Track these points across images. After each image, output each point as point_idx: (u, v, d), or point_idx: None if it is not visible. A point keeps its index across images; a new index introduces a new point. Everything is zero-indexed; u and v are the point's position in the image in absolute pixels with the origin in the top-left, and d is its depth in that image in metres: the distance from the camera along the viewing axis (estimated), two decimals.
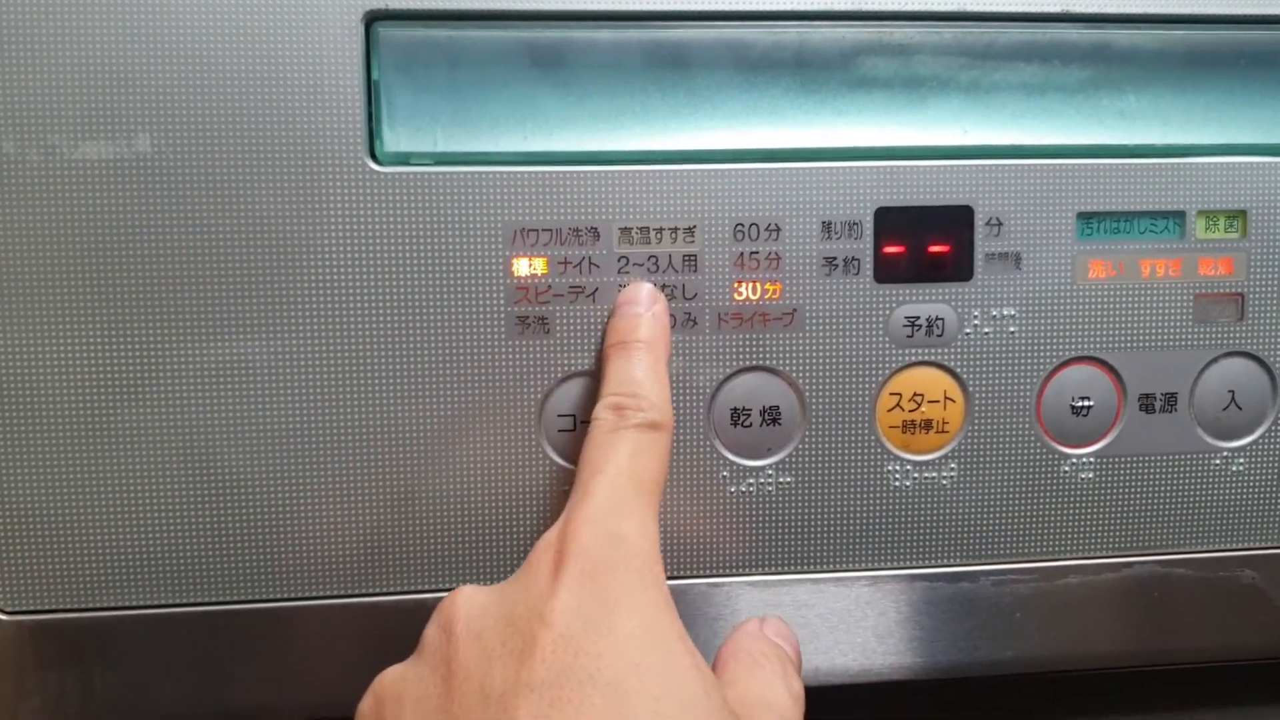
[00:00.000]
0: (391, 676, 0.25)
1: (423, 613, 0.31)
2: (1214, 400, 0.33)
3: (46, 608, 0.30)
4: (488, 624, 0.24)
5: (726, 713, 0.23)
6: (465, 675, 0.23)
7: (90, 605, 0.30)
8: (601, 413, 0.28)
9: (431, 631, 0.25)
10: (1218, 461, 0.33)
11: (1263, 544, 0.33)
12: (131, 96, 0.28)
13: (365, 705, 0.25)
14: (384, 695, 0.25)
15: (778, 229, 0.31)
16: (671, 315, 0.30)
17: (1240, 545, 0.33)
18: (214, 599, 0.30)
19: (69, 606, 0.30)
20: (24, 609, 0.30)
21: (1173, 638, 0.34)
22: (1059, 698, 0.36)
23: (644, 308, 0.30)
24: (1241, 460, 0.33)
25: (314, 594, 0.31)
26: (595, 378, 0.31)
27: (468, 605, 0.25)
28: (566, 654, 0.22)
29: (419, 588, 0.31)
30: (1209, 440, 0.33)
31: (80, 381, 0.29)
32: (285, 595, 0.31)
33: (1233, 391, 0.33)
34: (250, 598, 0.30)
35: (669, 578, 0.31)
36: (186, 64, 0.28)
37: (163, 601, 0.30)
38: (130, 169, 0.29)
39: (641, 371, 0.28)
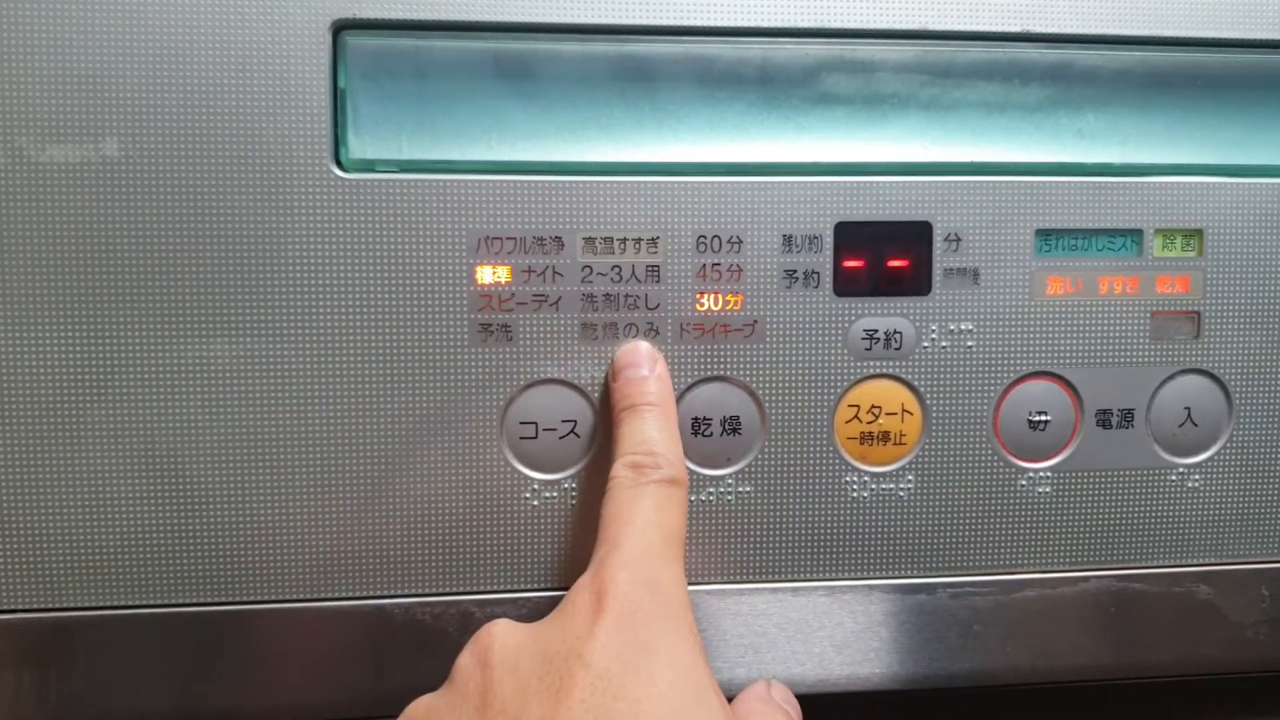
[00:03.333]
0: (424, 704, 0.25)
1: (384, 618, 0.31)
2: (1170, 417, 0.33)
3: (5, 607, 0.30)
4: (523, 658, 0.24)
5: None
6: (501, 708, 0.23)
7: (49, 605, 0.30)
8: (620, 471, 0.28)
9: (466, 660, 0.25)
10: (1174, 477, 0.33)
11: (1218, 560, 0.34)
12: (99, 101, 0.29)
13: None
14: None
15: (739, 241, 0.31)
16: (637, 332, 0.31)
17: (1196, 561, 0.34)
18: (175, 601, 0.30)
19: (28, 606, 0.30)
20: None
21: (1130, 652, 0.34)
22: (1017, 711, 0.36)
23: (647, 369, 0.30)
24: (1197, 476, 0.33)
25: (275, 598, 0.31)
26: (558, 385, 0.31)
27: (504, 638, 0.25)
28: (605, 696, 0.22)
29: (381, 593, 0.31)
30: (1165, 456, 0.33)
31: (44, 383, 0.29)
32: (246, 599, 0.31)
33: (1189, 408, 0.33)
34: (211, 600, 0.31)
35: None
36: (155, 69, 0.29)
37: (123, 603, 0.30)
38: (97, 173, 0.29)
39: (655, 431, 0.29)
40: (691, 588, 0.32)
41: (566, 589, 0.31)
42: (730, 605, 0.32)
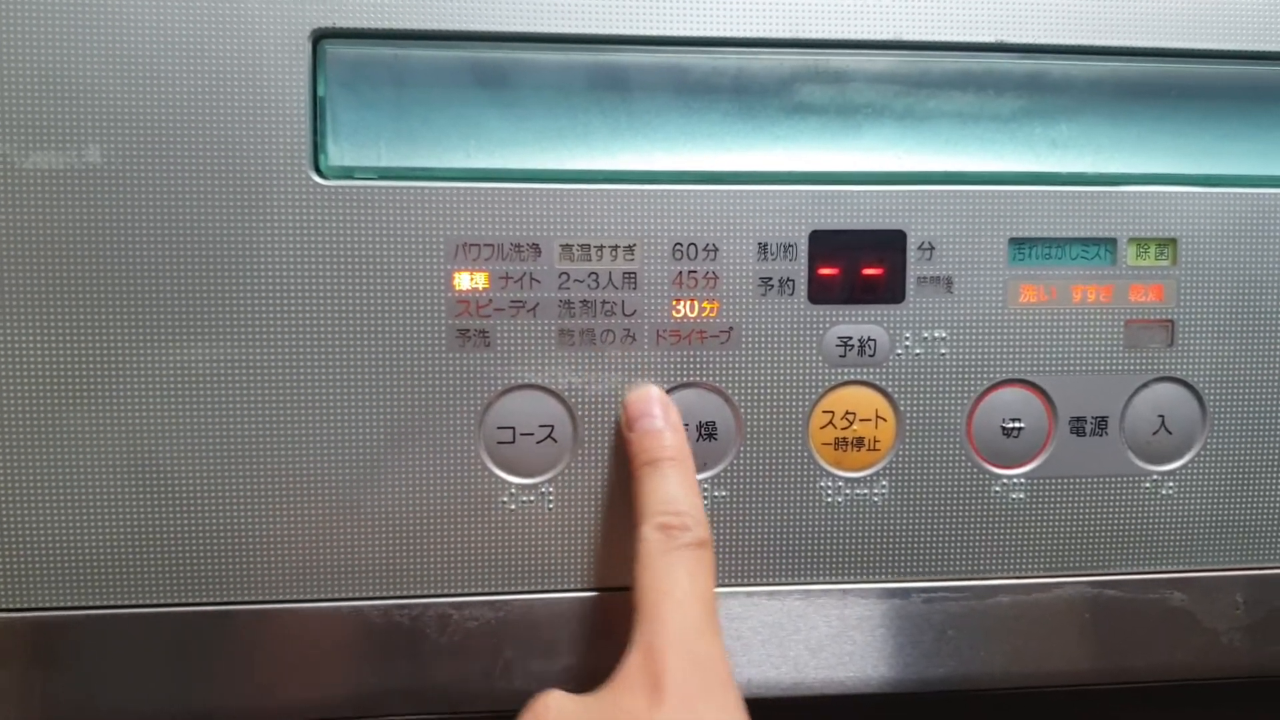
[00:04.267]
0: None
1: (363, 620, 0.31)
2: (1144, 424, 0.33)
3: None
4: None
5: None
6: None
7: (30, 605, 0.31)
8: (650, 534, 0.29)
9: None
10: (1148, 485, 0.34)
11: (1192, 567, 0.34)
12: (83, 108, 0.29)
13: None
14: None
15: (715, 249, 0.31)
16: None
17: (1170, 568, 0.34)
18: (155, 601, 0.31)
19: (8, 606, 0.31)
20: None
21: (1104, 657, 0.34)
22: (991, 715, 0.37)
23: (660, 420, 0.30)
24: (1171, 484, 0.34)
25: (256, 599, 0.31)
26: (536, 391, 0.31)
27: (559, 709, 0.26)
28: None
29: (360, 594, 0.31)
30: (1139, 464, 0.33)
31: (26, 386, 0.30)
32: (227, 599, 0.31)
33: (1163, 416, 0.33)
34: (191, 601, 0.31)
35: (598, 589, 0.32)
36: (138, 77, 0.29)
37: (102, 603, 0.31)
38: (81, 179, 0.29)
39: (677, 488, 0.29)
40: None
41: (544, 592, 0.32)
42: None
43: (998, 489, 0.33)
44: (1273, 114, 0.33)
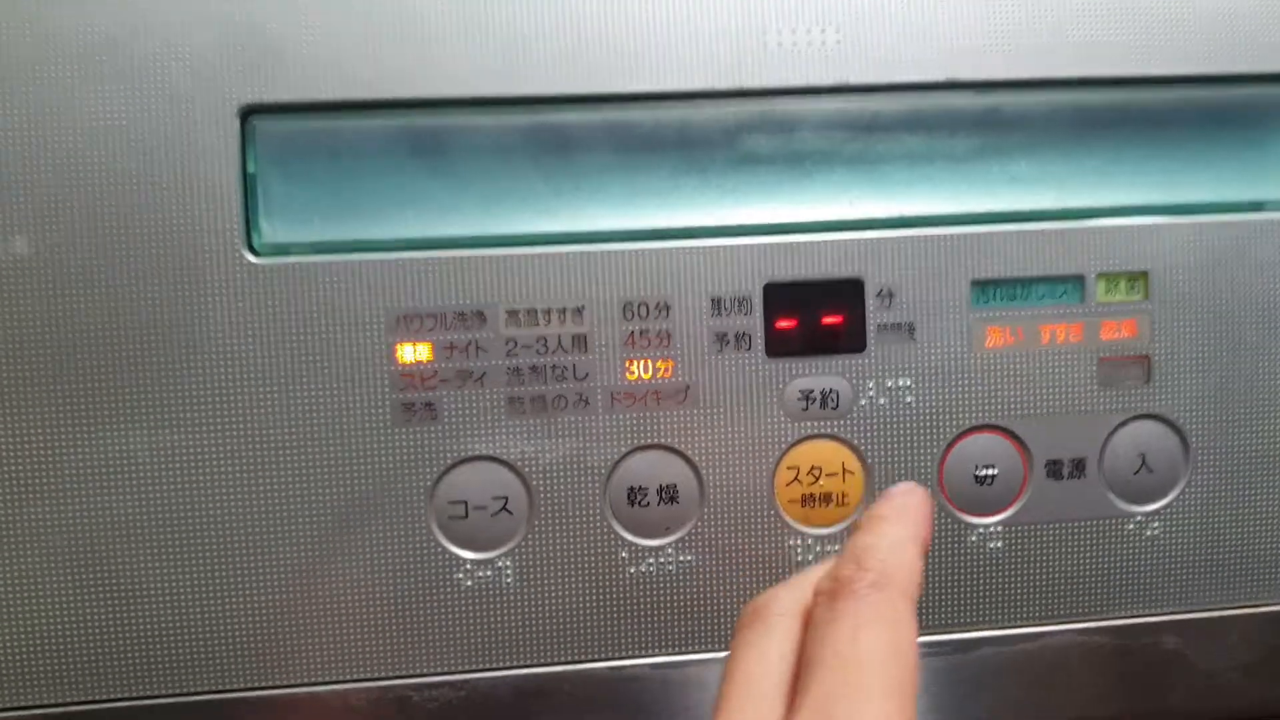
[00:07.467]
0: None
1: (320, 705, 0.30)
2: (1124, 464, 0.32)
3: None
4: None
5: None
6: None
7: None
8: (816, 595, 0.23)
9: None
10: (1131, 526, 0.32)
11: (1184, 608, 0.33)
12: (7, 199, 0.28)
13: None
14: None
15: (667, 307, 0.30)
16: None
17: (1161, 611, 0.33)
18: (101, 697, 0.30)
19: None
20: None
21: (1095, 706, 0.33)
22: None
23: (900, 495, 0.26)
24: (1156, 524, 0.32)
25: (207, 689, 0.30)
26: (487, 462, 0.30)
27: None
28: None
29: (316, 680, 0.30)
30: (1121, 505, 0.32)
31: None
32: (178, 691, 0.30)
33: (1143, 454, 0.32)
34: (141, 694, 0.30)
35: (563, 664, 0.31)
36: (63, 164, 0.28)
37: (48, 701, 0.30)
38: (9, 271, 0.28)
39: (875, 538, 0.24)
40: (636, 661, 0.31)
41: (507, 669, 0.31)
42: (677, 677, 0.31)
43: (974, 538, 0.32)
44: (1237, 137, 0.32)
